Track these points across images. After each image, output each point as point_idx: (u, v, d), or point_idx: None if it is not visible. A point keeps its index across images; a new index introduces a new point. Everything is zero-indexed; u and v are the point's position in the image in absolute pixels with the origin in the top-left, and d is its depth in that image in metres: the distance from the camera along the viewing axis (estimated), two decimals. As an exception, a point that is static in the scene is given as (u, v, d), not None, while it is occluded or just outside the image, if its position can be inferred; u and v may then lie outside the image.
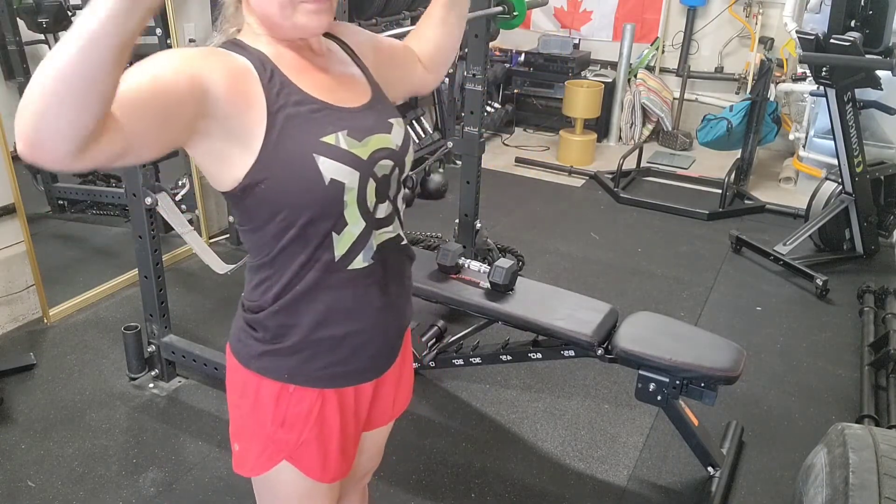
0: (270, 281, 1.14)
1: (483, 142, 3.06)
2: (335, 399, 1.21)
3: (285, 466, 1.22)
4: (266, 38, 1.10)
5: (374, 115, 1.16)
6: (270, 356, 1.17)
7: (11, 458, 2.26)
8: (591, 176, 4.90)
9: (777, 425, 2.54)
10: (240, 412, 1.24)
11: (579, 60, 5.59)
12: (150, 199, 2.31)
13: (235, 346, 1.22)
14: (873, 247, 3.74)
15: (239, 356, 1.21)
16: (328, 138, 1.06)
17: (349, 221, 1.10)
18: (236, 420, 1.25)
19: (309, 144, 1.05)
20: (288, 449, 1.20)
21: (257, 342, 1.17)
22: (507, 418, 2.52)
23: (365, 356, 1.21)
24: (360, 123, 1.12)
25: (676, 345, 2.11)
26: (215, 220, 3.79)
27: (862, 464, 1.48)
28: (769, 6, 5.18)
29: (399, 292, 1.24)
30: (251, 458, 1.23)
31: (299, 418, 1.19)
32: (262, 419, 1.19)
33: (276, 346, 1.16)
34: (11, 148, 2.69)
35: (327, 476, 1.25)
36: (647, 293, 3.41)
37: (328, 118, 1.08)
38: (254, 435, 1.22)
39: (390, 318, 1.23)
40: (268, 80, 1.04)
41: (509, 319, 2.36)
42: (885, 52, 3.30)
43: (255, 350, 1.17)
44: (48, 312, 2.96)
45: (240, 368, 1.20)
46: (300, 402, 1.18)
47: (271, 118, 1.03)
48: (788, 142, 5.03)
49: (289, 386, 1.17)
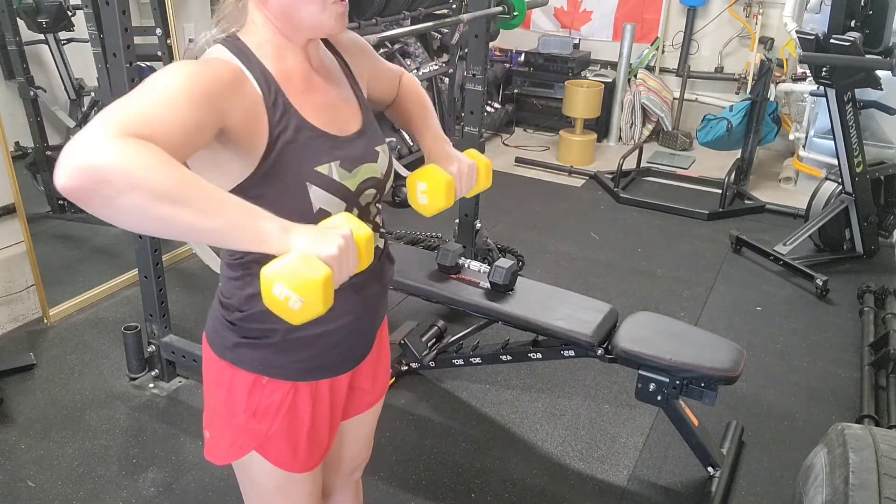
0: (243, 281, 1.15)
1: (483, 142, 3.06)
2: (308, 390, 1.22)
3: (255, 457, 1.23)
4: (272, 45, 1.09)
5: (364, 143, 1.18)
6: (244, 348, 1.18)
7: (11, 458, 2.26)
8: (591, 176, 4.90)
9: (777, 425, 2.54)
10: (213, 401, 1.26)
11: (579, 60, 5.59)
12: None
13: (211, 336, 1.24)
14: (873, 247, 3.74)
15: (214, 346, 1.22)
16: (322, 168, 1.08)
17: None
18: (209, 408, 1.28)
19: (303, 173, 1.07)
20: (258, 440, 1.22)
21: (232, 334, 1.19)
22: (507, 418, 2.52)
23: (339, 352, 1.23)
24: (352, 153, 1.14)
25: (676, 345, 2.11)
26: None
27: (862, 464, 1.48)
28: (769, 6, 5.18)
29: (376, 292, 1.26)
30: (223, 447, 1.25)
31: (270, 409, 1.20)
32: (235, 409, 1.21)
33: (248, 340, 1.18)
34: (12, 148, 2.69)
35: (297, 466, 1.26)
36: (647, 293, 3.41)
37: (323, 146, 1.10)
38: (225, 424, 1.24)
39: (366, 316, 1.25)
40: (272, 103, 1.05)
41: (509, 319, 2.36)
42: (885, 52, 3.30)
43: (229, 341, 1.19)
44: (48, 312, 2.96)
45: (214, 358, 1.22)
46: (272, 393, 1.20)
47: (271, 142, 1.04)
48: (788, 142, 5.03)
49: (262, 378, 1.19)
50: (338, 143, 1.13)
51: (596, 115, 5.34)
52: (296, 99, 1.09)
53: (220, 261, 1.21)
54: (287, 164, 1.05)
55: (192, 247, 2.51)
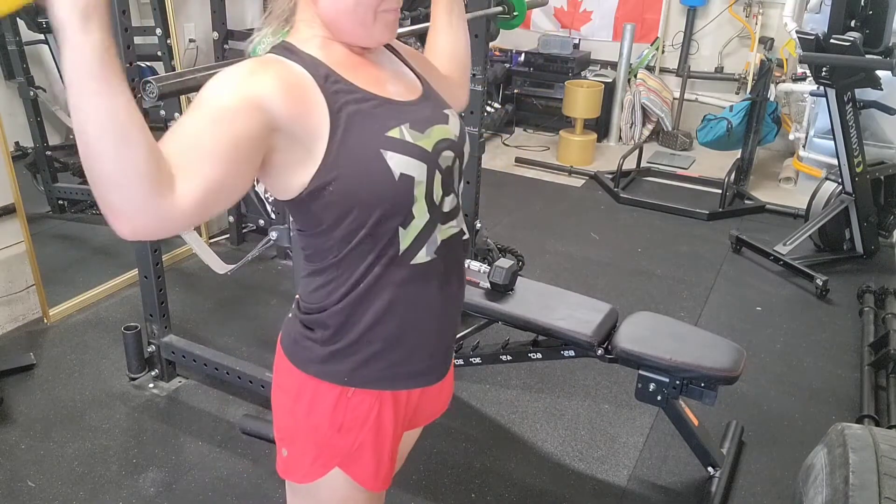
0: (336, 283, 1.11)
1: (483, 142, 3.06)
2: (391, 402, 1.18)
3: (336, 473, 1.18)
4: (320, 39, 1.08)
5: (430, 106, 1.15)
6: (329, 360, 1.14)
7: (11, 458, 2.26)
8: (591, 176, 4.90)
9: (777, 425, 2.54)
10: (292, 417, 1.20)
11: (579, 60, 5.59)
12: (150, 199, 2.30)
13: (291, 348, 1.19)
14: (873, 247, 3.74)
15: (295, 360, 1.17)
16: (393, 132, 1.05)
17: (416, 215, 1.08)
18: (287, 425, 1.22)
19: (375, 140, 1.04)
20: (342, 455, 1.17)
21: (316, 344, 1.14)
22: (507, 418, 2.52)
23: (423, 355, 1.19)
24: (420, 115, 1.11)
25: (676, 345, 2.11)
26: (215, 219, 3.79)
27: (862, 464, 1.47)
28: (769, 6, 5.18)
29: (458, 287, 1.21)
30: (304, 465, 1.20)
31: (356, 423, 1.16)
32: (318, 424, 1.16)
33: (335, 347, 1.13)
34: (12, 148, 2.69)
35: (378, 483, 1.22)
36: (647, 293, 3.41)
37: (389, 112, 1.07)
38: (307, 440, 1.18)
39: (448, 315, 1.20)
40: (324, 82, 1.03)
41: (509, 319, 2.36)
42: (885, 52, 3.30)
43: (314, 354, 1.15)
44: (48, 312, 2.96)
45: (295, 372, 1.17)
46: (358, 406, 1.16)
47: (334, 118, 1.02)
48: (788, 142, 5.03)
49: (347, 390, 1.15)
50: (403, 107, 1.10)
51: (596, 115, 5.34)
52: (349, 74, 1.07)
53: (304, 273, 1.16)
54: (356, 135, 1.02)
55: (192, 247, 2.51)
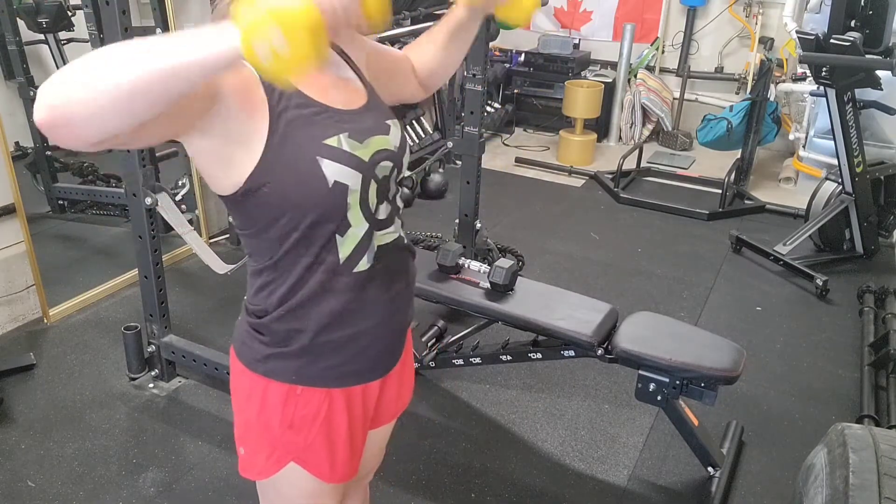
0: (274, 284, 1.13)
1: (483, 142, 3.06)
2: (342, 399, 1.21)
3: (293, 468, 1.21)
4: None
5: (373, 116, 1.16)
6: (276, 359, 1.16)
7: (11, 458, 2.26)
8: (591, 176, 4.90)
9: (777, 425, 2.54)
10: (245, 416, 1.23)
11: (579, 60, 5.59)
12: (150, 199, 2.31)
13: (240, 349, 1.21)
14: (873, 247, 3.74)
15: (244, 360, 1.20)
16: (330, 140, 1.06)
17: (352, 223, 1.11)
18: (242, 423, 1.25)
19: (312, 147, 1.05)
20: (296, 451, 1.20)
21: (263, 345, 1.17)
22: (507, 418, 2.52)
23: (371, 355, 1.21)
24: (360, 125, 1.12)
25: (676, 345, 2.11)
26: (215, 220, 3.79)
27: (862, 464, 1.47)
28: (769, 6, 5.18)
29: (402, 290, 1.24)
30: (259, 462, 1.23)
31: (307, 420, 1.18)
32: (270, 422, 1.19)
33: (281, 350, 1.16)
34: (12, 148, 2.69)
35: (336, 476, 1.25)
36: (647, 293, 3.41)
37: (329, 120, 1.08)
38: (261, 438, 1.21)
39: (394, 316, 1.23)
40: (269, 83, 1.03)
41: (509, 319, 2.36)
42: (885, 52, 3.29)
43: (260, 353, 1.17)
44: (48, 312, 2.96)
45: (245, 372, 1.20)
46: (308, 403, 1.18)
47: (273, 122, 1.03)
48: (788, 142, 5.03)
49: (296, 387, 1.17)
50: (344, 116, 1.10)
51: (596, 115, 5.34)
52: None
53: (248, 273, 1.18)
54: (294, 140, 1.04)
55: (192, 246, 2.51)
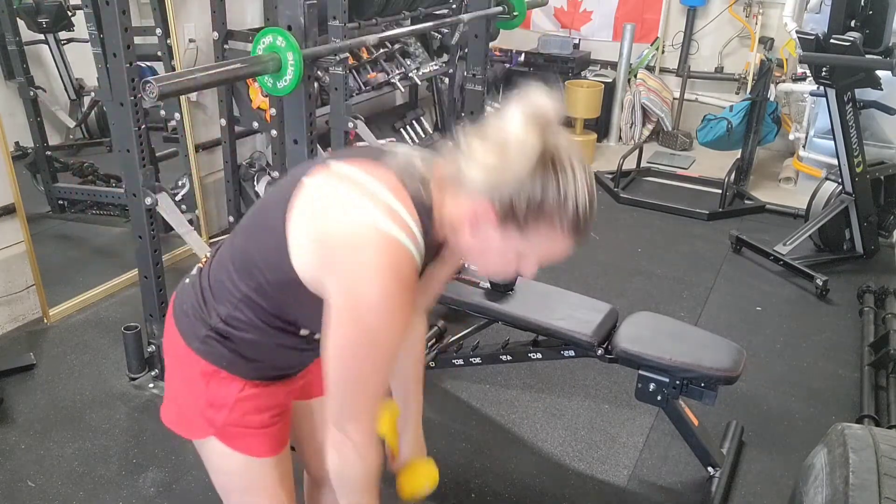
0: (241, 323, 1.18)
1: (483, 142, 3.05)
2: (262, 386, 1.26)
3: (215, 441, 1.26)
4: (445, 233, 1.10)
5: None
6: (213, 342, 1.20)
7: (11, 458, 2.26)
8: (591, 176, 4.89)
9: (777, 425, 2.53)
10: (175, 379, 1.29)
11: (579, 60, 5.59)
12: (150, 199, 2.31)
13: (180, 318, 1.25)
14: (873, 247, 3.74)
15: (181, 329, 1.24)
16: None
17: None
18: (173, 382, 1.31)
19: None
20: (215, 427, 1.24)
21: (205, 329, 1.21)
22: (507, 418, 2.52)
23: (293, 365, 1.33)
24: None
25: (676, 345, 2.11)
26: (215, 220, 3.79)
27: (862, 464, 1.47)
28: (769, 6, 5.18)
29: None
30: (183, 423, 1.30)
31: (227, 401, 1.23)
32: (196, 394, 1.24)
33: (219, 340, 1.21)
34: (12, 148, 2.69)
35: (260, 451, 1.28)
36: (647, 293, 3.41)
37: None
38: (186, 403, 1.28)
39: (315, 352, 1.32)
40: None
41: (509, 319, 2.36)
42: (885, 52, 3.29)
43: (200, 332, 1.21)
44: (48, 312, 2.96)
45: (180, 342, 1.23)
46: (228, 385, 1.22)
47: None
48: (788, 142, 5.03)
49: (221, 371, 1.21)
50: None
51: (596, 115, 5.34)
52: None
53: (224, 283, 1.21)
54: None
55: (192, 247, 2.51)
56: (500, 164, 0.98)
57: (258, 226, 1.17)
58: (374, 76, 3.99)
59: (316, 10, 1.85)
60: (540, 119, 0.99)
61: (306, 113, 1.96)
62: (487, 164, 0.99)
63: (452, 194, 1.06)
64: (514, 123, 0.98)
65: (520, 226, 1.01)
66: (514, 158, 0.97)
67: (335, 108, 2.80)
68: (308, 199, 1.07)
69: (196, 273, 1.27)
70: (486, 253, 1.08)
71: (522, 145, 0.97)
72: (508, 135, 0.98)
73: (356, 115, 2.80)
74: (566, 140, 1.01)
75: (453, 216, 1.07)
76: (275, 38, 1.71)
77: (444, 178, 1.07)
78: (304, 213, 1.07)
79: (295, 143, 2.01)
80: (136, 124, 2.19)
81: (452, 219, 1.07)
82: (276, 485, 1.33)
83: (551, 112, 1.00)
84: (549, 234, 1.02)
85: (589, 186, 1.01)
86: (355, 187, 1.04)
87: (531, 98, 1.00)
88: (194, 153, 3.51)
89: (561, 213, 1.00)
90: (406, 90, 4.65)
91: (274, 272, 1.12)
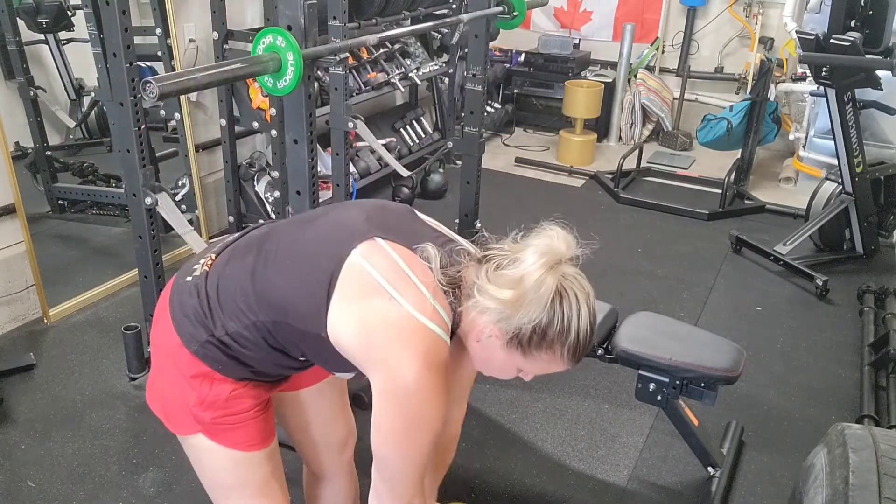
0: (243, 339, 1.22)
1: (483, 142, 3.06)
2: (252, 385, 1.28)
3: (202, 437, 1.27)
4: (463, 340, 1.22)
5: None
6: (212, 348, 1.22)
7: (11, 458, 2.26)
8: (591, 176, 4.90)
9: (777, 425, 2.54)
10: (165, 374, 1.30)
11: (579, 60, 5.59)
12: (150, 199, 2.31)
13: (180, 319, 1.25)
14: (873, 247, 3.74)
15: (179, 330, 1.24)
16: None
17: None
18: (162, 375, 1.31)
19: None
20: (202, 424, 1.27)
21: (205, 332, 1.22)
22: (507, 418, 2.52)
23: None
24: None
25: (676, 345, 2.11)
26: (215, 220, 3.79)
27: (862, 464, 1.47)
28: (769, 6, 5.18)
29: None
30: (171, 416, 1.30)
31: (217, 402, 1.24)
32: (186, 392, 1.25)
33: (219, 347, 1.22)
34: (12, 148, 2.69)
35: (247, 446, 1.29)
36: (647, 293, 3.41)
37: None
38: (175, 400, 1.28)
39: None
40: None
41: (509, 319, 2.35)
42: (885, 52, 3.29)
43: (201, 336, 1.22)
44: (48, 312, 2.96)
45: (176, 342, 1.24)
46: (220, 385, 1.24)
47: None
48: (788, 142, 5.03)
49: (215, 373, 1.23)
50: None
51: (596, 115, 5.34)
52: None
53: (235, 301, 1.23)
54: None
55: (192, 247, 2.51)
56: (514, 300, 1.10)
57: (296, 272, 1.19)
58: (374, 76, 3.99)
59: (316, 11, 1.84)
60: (554, 260, 1.11)
61: (306, 113, 1.95)
62: (502, 299, 1.10)
63: (467, 305, 1.15)
64: (530, 264, 1.11)
65: (523, 350, 1.14)
66: (528, 298, 1.09)
67: (335, 108, 2.80)
68: (354, 283, 1.13)
69: (201, 276, 1.26)
70: (488, 361, 1.20)
71: (537, 288, 1.08)
72: (525, 274, 1.10)
73: (356, 115, 2.80)
74: (574, 272, 1.14)
75: (465, 323, 1.18)
76: (275, 38, 1.71)
77: (465, 284, 1.17)
78: (346, 298, 1.13)
79: (295, 143, 2.01)
80: (136, 124, 2.19)
81: (464, 325, 1.19)
82: (266, 481, 1.34)
83: (566, 252, 1.13)
84: (549, 359, 1.15)
85: (591, 317, 1.13)
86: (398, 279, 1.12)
87: (548, 237, 1.14)
88: (194, 153, 3.51)
89: (562, 341, 1.12)
90: (406, 90, 4.66)
91: (302, 323, 1.16)
